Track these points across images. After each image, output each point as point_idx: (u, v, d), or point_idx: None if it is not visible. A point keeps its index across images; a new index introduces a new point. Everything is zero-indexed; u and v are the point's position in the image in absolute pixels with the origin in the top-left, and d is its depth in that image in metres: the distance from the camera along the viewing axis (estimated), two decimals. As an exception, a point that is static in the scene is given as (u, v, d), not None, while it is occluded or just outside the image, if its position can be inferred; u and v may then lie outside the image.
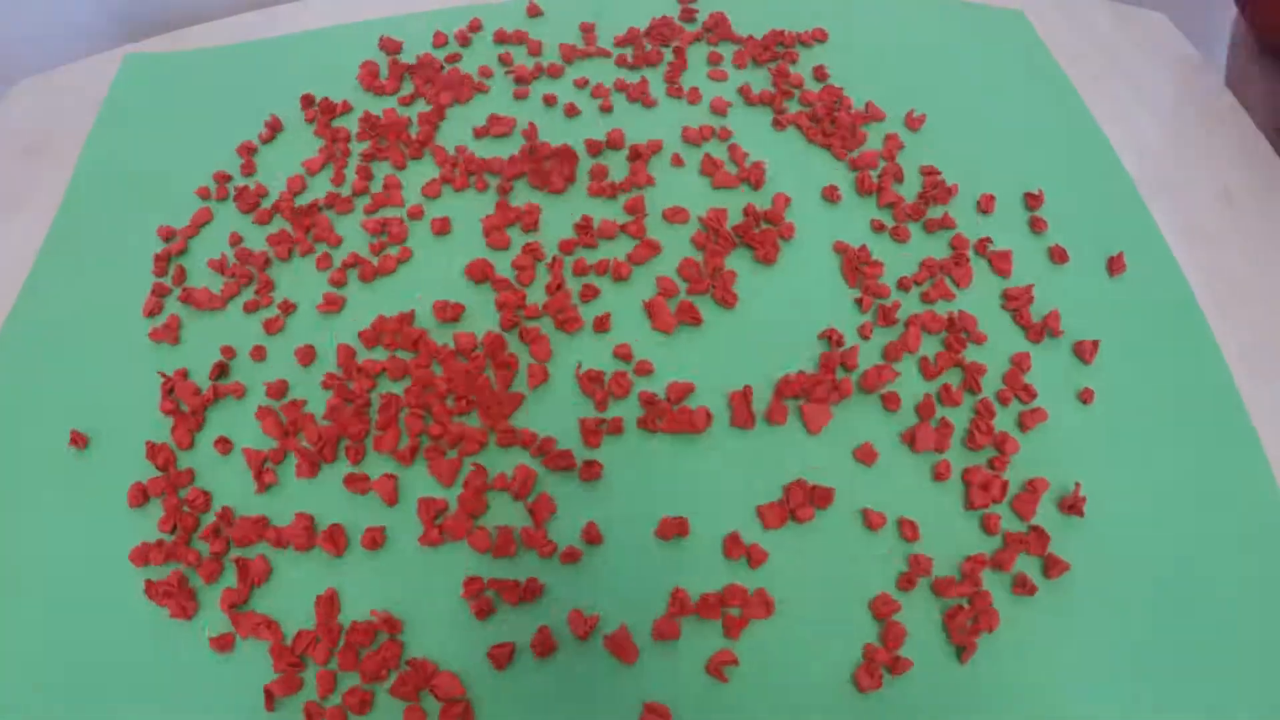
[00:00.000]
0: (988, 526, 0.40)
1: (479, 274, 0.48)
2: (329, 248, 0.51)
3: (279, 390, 0.45)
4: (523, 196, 0.52)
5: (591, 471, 0.41)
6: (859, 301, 0.47)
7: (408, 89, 0.59)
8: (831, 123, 0.55)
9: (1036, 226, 0.51)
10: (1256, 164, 0.55)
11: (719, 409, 0.44)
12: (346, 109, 0.58)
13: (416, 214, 0.52)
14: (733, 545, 0.39)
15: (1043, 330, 0.46)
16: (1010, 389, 0.44)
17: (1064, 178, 0.54)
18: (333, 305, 0.48)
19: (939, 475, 0.41)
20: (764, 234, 0.49)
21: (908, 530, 0.39)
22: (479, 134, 0.56)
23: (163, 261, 0.50)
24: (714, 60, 0.60)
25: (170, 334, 0.47)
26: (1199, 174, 0.55)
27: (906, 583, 0.38)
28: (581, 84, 0.59)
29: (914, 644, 0.37)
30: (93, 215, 0.53)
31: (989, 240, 0.50)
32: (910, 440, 0.42)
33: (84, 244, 0.52)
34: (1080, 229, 0.51)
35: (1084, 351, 0.45)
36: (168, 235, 0.52)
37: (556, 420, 0.43)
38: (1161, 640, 0.37)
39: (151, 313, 0.48)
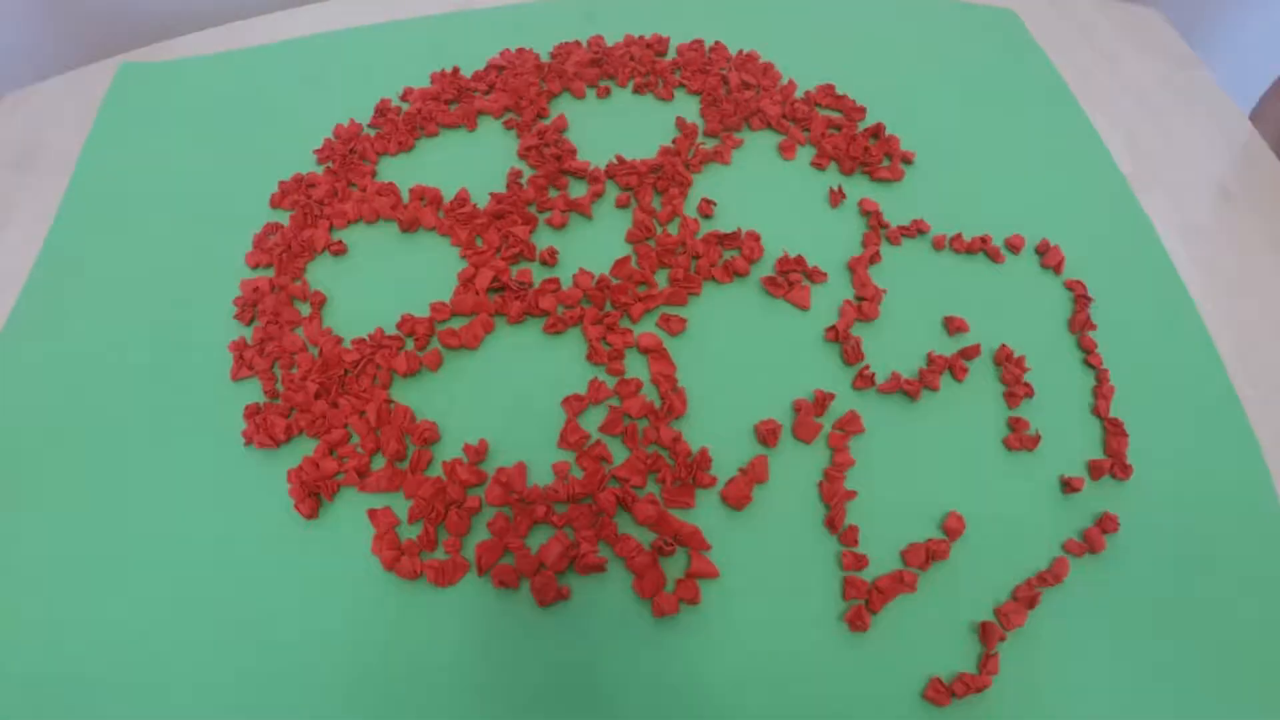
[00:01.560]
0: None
1: None
2: None
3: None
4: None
5: None
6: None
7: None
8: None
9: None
10: (1251, 161, 0.56)
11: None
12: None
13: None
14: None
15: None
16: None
17: (1057, 176, 0.54)
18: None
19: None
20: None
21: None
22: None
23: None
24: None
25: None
26: (1193, 171, 0.55)
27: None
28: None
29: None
30: (89, 228, 0.52)
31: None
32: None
33: (81, 256, 0.51)
34: (1073, 228, 0.51)
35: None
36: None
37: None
38: (1159, 645, 0.37)
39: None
